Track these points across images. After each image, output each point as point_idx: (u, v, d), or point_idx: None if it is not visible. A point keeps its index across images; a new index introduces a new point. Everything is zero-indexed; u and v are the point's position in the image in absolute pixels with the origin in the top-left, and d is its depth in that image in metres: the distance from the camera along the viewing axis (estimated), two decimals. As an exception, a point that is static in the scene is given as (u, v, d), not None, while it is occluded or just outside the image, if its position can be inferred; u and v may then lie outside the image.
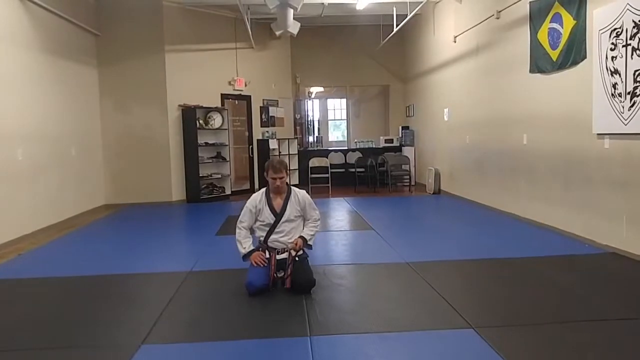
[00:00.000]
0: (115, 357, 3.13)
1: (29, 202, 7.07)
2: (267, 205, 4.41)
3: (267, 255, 4.39)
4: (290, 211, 4.43)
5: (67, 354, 3.24)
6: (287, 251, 4.40)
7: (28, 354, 3.25)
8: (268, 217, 4.41)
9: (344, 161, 12.71)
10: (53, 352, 3.28)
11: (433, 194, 10.81)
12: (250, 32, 10.53)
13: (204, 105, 10.47)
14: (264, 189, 4.53)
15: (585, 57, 5.77)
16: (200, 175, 10.34)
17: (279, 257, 4.39)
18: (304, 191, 4.57)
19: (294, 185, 4.67)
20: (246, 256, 4.41)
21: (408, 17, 9.74)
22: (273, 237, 4.43)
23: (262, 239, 4.48)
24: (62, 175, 8.20)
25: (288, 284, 4.29)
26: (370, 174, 11.95)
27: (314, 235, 4.54)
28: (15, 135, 6.79)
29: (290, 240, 4.42)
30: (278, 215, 4.40)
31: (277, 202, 4.44)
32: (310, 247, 4.51)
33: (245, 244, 4.43)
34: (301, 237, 4.44)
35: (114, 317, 3.87)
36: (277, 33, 11.06)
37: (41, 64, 7.60)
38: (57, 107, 8.09)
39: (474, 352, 3.12)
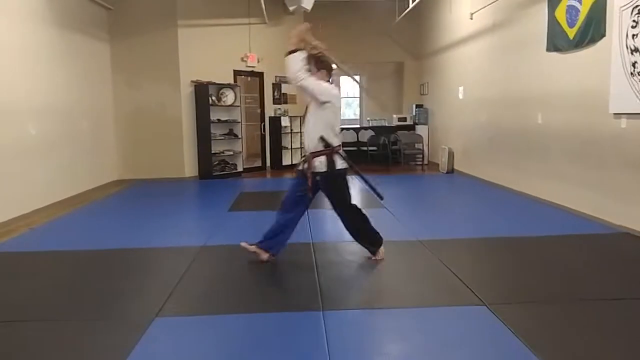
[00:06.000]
0: (130, 329, 3.17)
1: (41, 177, 7.11)
2: None
3: None
4: None
5: (82, 326, 3.29)
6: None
7: (42, 326, 3.30)
8: None
9: (356, 139, 12.67)
10: (67, 324, 3.33)
11: (446, 172, 10.75)
12: (263, 8, 10.44)
13: (217, 82, 10.43)
14: None
15: (604, 35, 5.67)
16: (213, 152, 10.35)
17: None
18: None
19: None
20: None
21: (423, -7, 9.61)
22: None
23: None
24: (74, 150, 8.24)
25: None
26: (383, 153, 11.90)
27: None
28: (27, 109, 6.80)
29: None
30: None
31: None
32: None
33: None
34: None
35: (127, 290, 3.91)
36: (291, 8, 10.95)
37: (53, 37, 7.58)
38: (68, 81, 8.09)
39: (485, 328, 3.14)
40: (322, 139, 4.18)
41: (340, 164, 4.25)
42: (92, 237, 5.63)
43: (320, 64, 4.29)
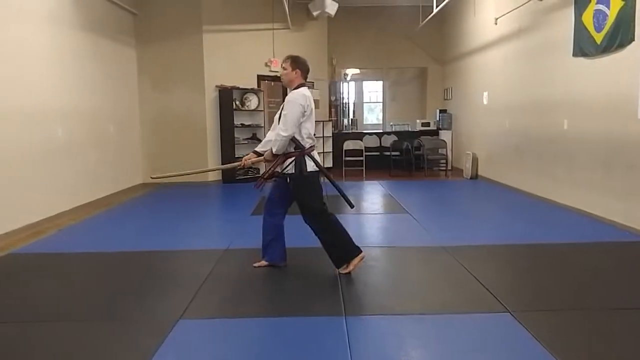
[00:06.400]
0: (154, 330, 3.20)
1: (68, 179, 7.23)
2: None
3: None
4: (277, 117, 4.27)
5: (106, 326, 3.34)
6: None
7: (67, 326, 3.35)
8: None
9: (378, 144, 12.65)
10: (92, 324, 3.38)
11: (470, 178, 10.68)
12: (287, 13, 10.50)
13: (241, 87, 10.52)
14: None
15: (632, 40, 5.58)
16: (236, 156, 10.41)
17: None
18: (301, 90, 4.17)
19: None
20: None
21: (448, -2, 9.56)
22: None
23: None
24: (101, 153, 8.37)
25: None
26: (406, 158, 11.85)
27: (274, 143, 4.09)
28: (55, 112, 6.93)
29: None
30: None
31: None
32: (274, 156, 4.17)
33: None
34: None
35: (152, 292, 3.96)
36: (315, 13, 11.00)
37: (80, 41, 7.72)
38: (95, 85, 8.23)
39: (509, 336, 3.10)
40: (293, 140, 4.14)
41: (310, 166, 4.18)
42: (118, 239, 5.72)
43: (295, 65, 4.22)
